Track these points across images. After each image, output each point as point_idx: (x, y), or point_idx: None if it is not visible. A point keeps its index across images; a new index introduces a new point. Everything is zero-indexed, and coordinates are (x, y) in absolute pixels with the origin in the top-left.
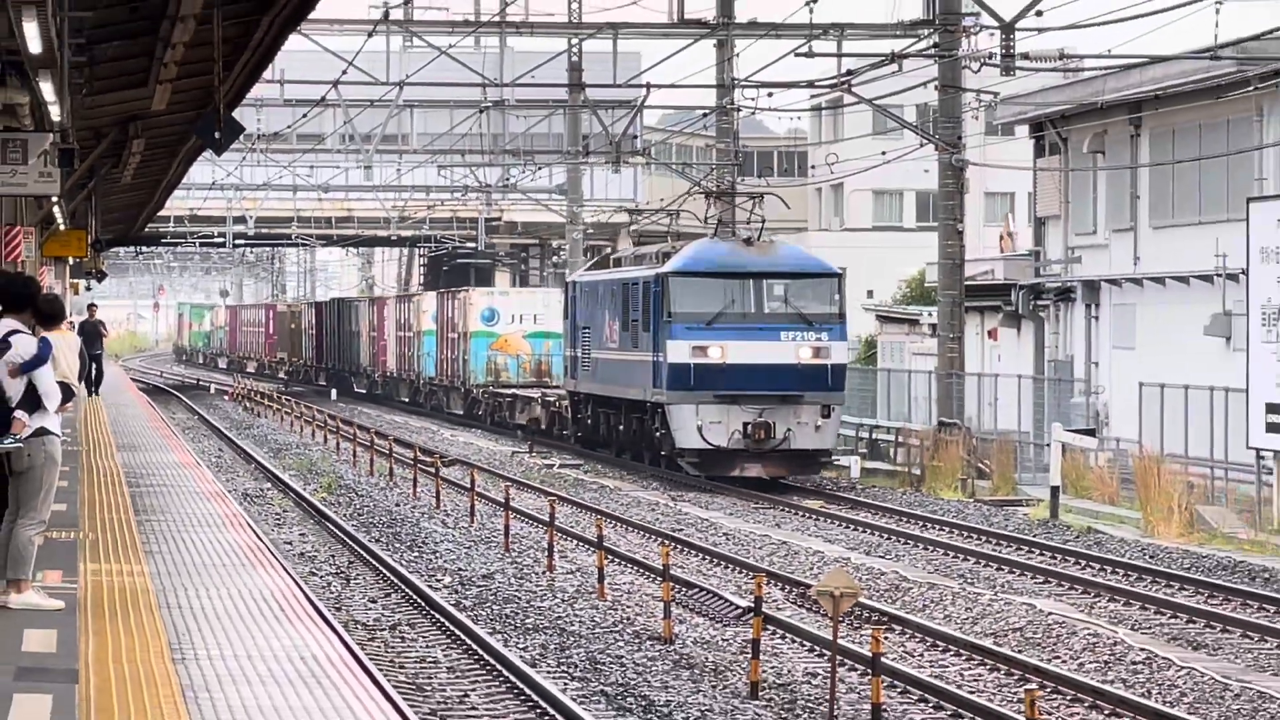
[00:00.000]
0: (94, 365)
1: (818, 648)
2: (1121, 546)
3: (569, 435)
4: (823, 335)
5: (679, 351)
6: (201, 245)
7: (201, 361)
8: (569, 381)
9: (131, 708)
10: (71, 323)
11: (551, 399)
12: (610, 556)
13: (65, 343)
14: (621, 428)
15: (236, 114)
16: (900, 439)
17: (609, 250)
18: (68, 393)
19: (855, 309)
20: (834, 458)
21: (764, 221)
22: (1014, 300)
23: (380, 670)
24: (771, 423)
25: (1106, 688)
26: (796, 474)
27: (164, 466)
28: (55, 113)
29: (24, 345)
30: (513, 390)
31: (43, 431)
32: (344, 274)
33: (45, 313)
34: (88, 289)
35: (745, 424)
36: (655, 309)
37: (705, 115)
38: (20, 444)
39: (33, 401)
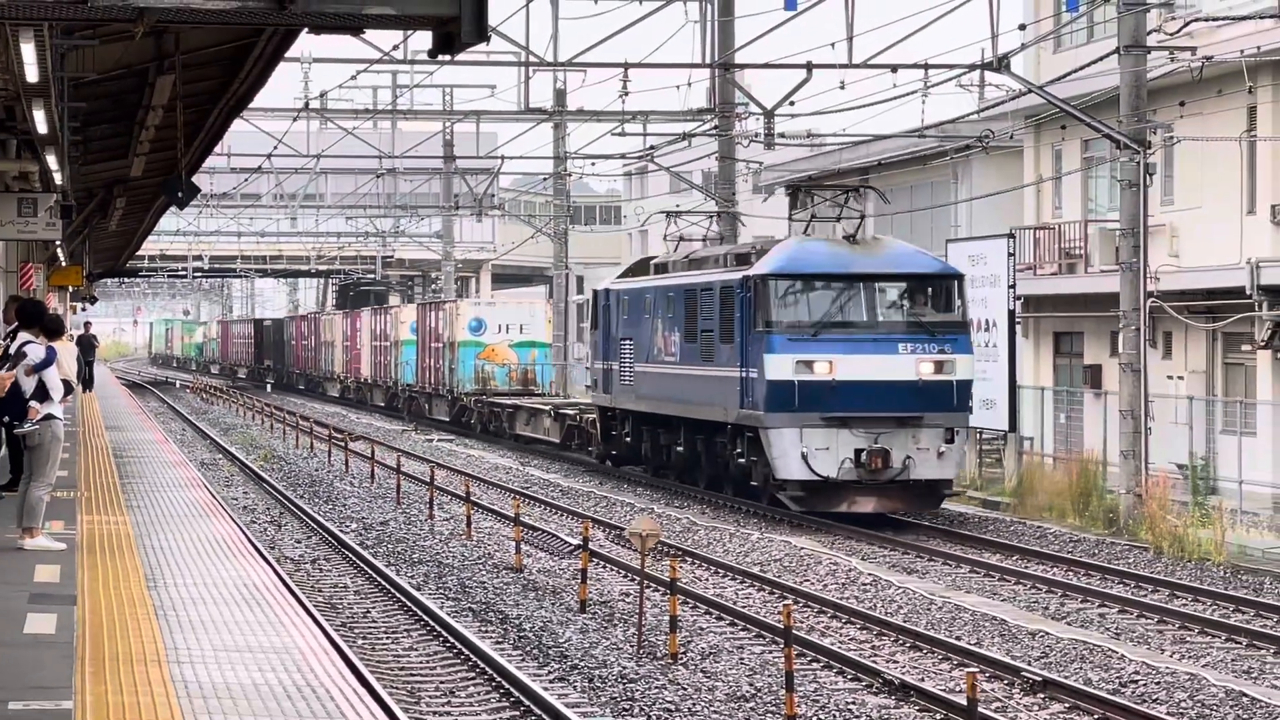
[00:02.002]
0: (89, 368)
1: (630, 574)
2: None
3: (595, 453)
4: (945, 347)
5: (780, 367)
6: (168, 276)
7: (194, 369)
8: (600, 396)
9: (116, 623)
10: (71, 335)
11: (570, 412)
12: (475, 508)
13: (66, 350)
14: (681, 449)
15: (195, 179)
16: None
17: (651, 255)
18: (68, 388)
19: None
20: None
21: (863, 217)
22: None
23: (304, 592)
24: (888, 449)
25: (842, 603)
26: (916, 510)
27: (141, 442)
28: (58, 178)
29: (35, 352)
30: (512, 400)
31: (49, 417)
32: (275, 298)
33: (50, 328)
34: (83, 310)
35: (857, 451)
36: (744, 317)
37: (545, 179)
38: (35, 427)
39: (42, 394)
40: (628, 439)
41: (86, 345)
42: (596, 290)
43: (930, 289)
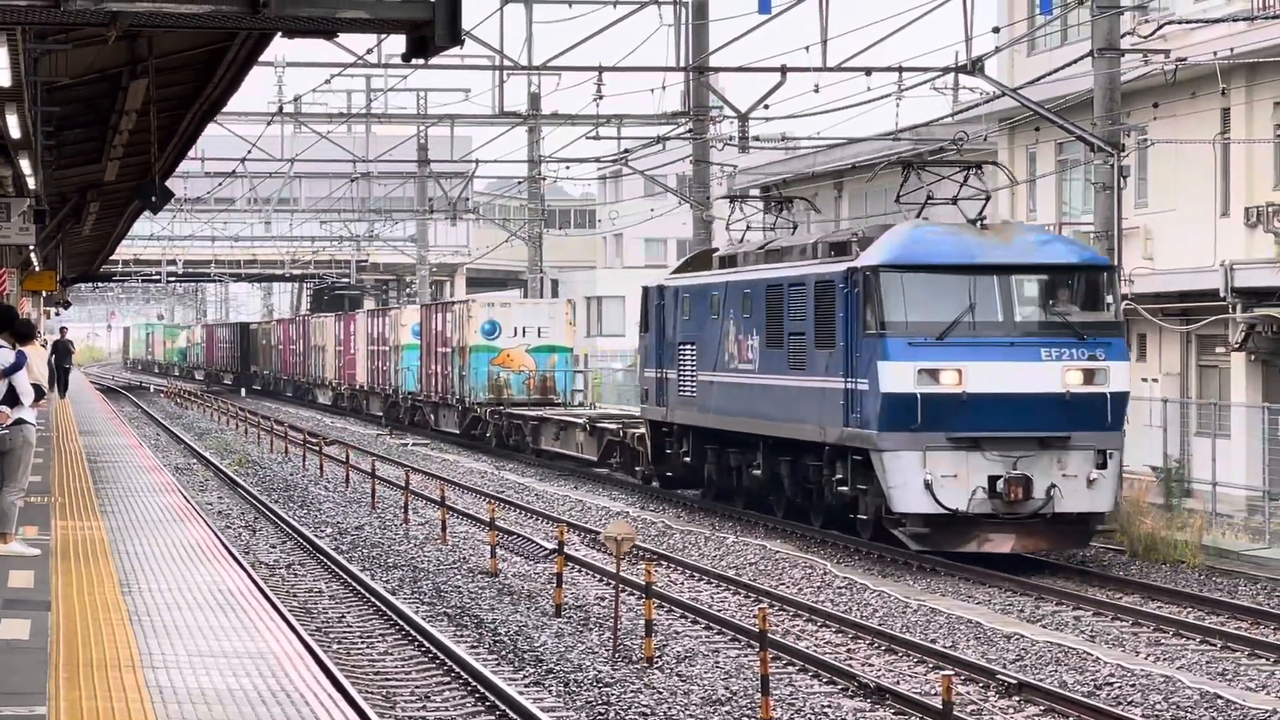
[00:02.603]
0: (65, 374)
1: (606, 578)
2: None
3: (642, 474)
4: (1097, 352)
5: (898, 376)
6: (142, 281)
7: (177, 374)
8: (652, 410)
9: (90, 628)
10: (45, 341)
11: (610, 426)
12: (451, 512)
13: (37, 355)
14: (757, 472)
15: (168, 183)
16: None
17: (714, 248)
18: (39, 392)
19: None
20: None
21: (987, 198)
22: None
23: (278, 597)
24: (1029, 476)
25: (818, 606)
26: (1061, 549)
27: (115, 447)
28: (31, 183)
29: (4, 356)
30: (536, 411)
31: (20, 422)
32: (250, 302)
33: (21, 333)
34: (57, 315)
35: (992, 479)
36: (851, 317)
37: (520, 183)
38: (5, 431)
39: (12, 399)
40: (686, 458)
41: (63, 350)
42: (648, 288)
43: (1077, 282)
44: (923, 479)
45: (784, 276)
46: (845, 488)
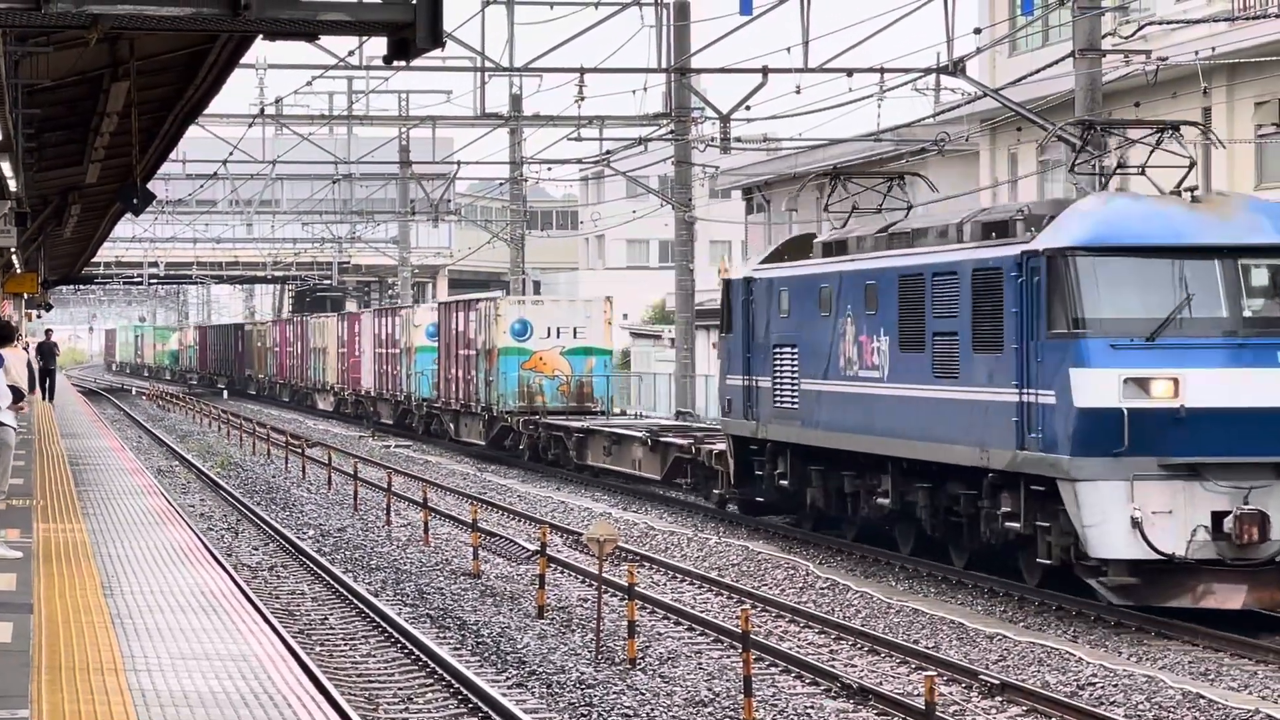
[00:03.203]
0: (50, 376)
1: (588, 580)
2: None
3: (719, 497)
4: None
5: (1098, 387)
6: (124, 283)
7: (169, 378)
8: (736, 423)
9: (73, 631)
10: (27, 344)
11: (680, 442)
12: (433, 513)
13: (15, 357)
14: (884, 501)
15: (150, 185)
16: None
17: (811, 234)
18: (18, 395)
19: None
20: None
21: (1192, 163)
22: None
23: (261, 600)
24: (1265, 512)
25: (800, 607)
26: None
27: (97, 450)
28: (12, 185)
29: None
30: (579, 421)
31: None
32: (232, 304)
33: (0, 334)
34: (39, 317)
35: (1217, 515)
36: (1028, 313)
37: (501, 184)
38: None
39: None
40: (782, 481)
41: (47, 353)
42: (730, 281)
43: None
44: (1129, 516)
45: (925, 264)
46: (1015, 524)
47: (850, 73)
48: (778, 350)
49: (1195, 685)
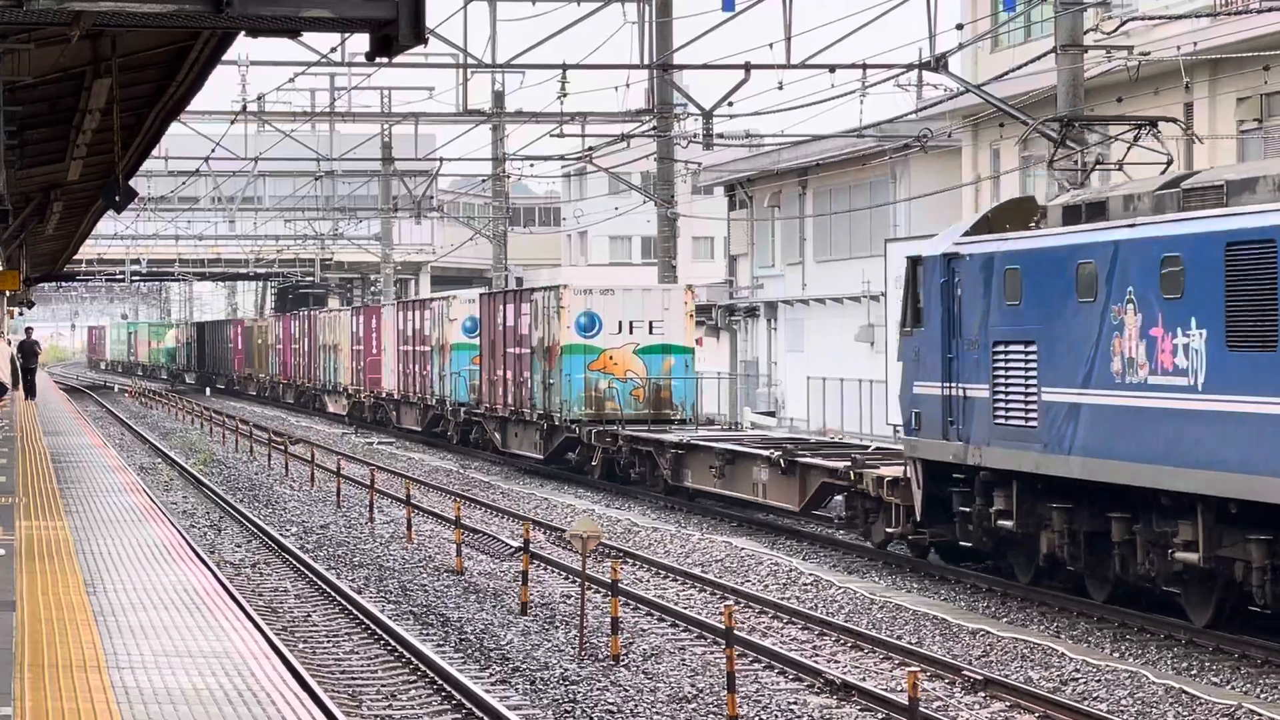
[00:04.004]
0: (31, 375)
1: (572, 576)
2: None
3: (884, 537)
4: None
5: None
6: (106, 280)
7: (166, 378)
8: (932, 444)
9: (55, 628)
10: (9, 340)
11: (828, 464)
12: (416, 510)
13: None
14: (1191, 556)
15: (132, 182)
16: None
17: (1028, 195)
18: (1, 389)
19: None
20: None
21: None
22: (714, 316)
23: (244, 597)
24: None
25: (783, 603)
26: None
27: (80, 447)
28: None
29: None
30: (676, 434)
31: None
32: (214, 301)
33: None
34: (21, 314)
35: None
36: None
37: (484, 180)
38: None
39: None
40: (1004, 522)
41: (28, 351)
42: (920, 258)
43: None
44: None
45: (1269, 226)
46: None
47: (833, 69)
48: (1002, 349)
49: (1178, 681)
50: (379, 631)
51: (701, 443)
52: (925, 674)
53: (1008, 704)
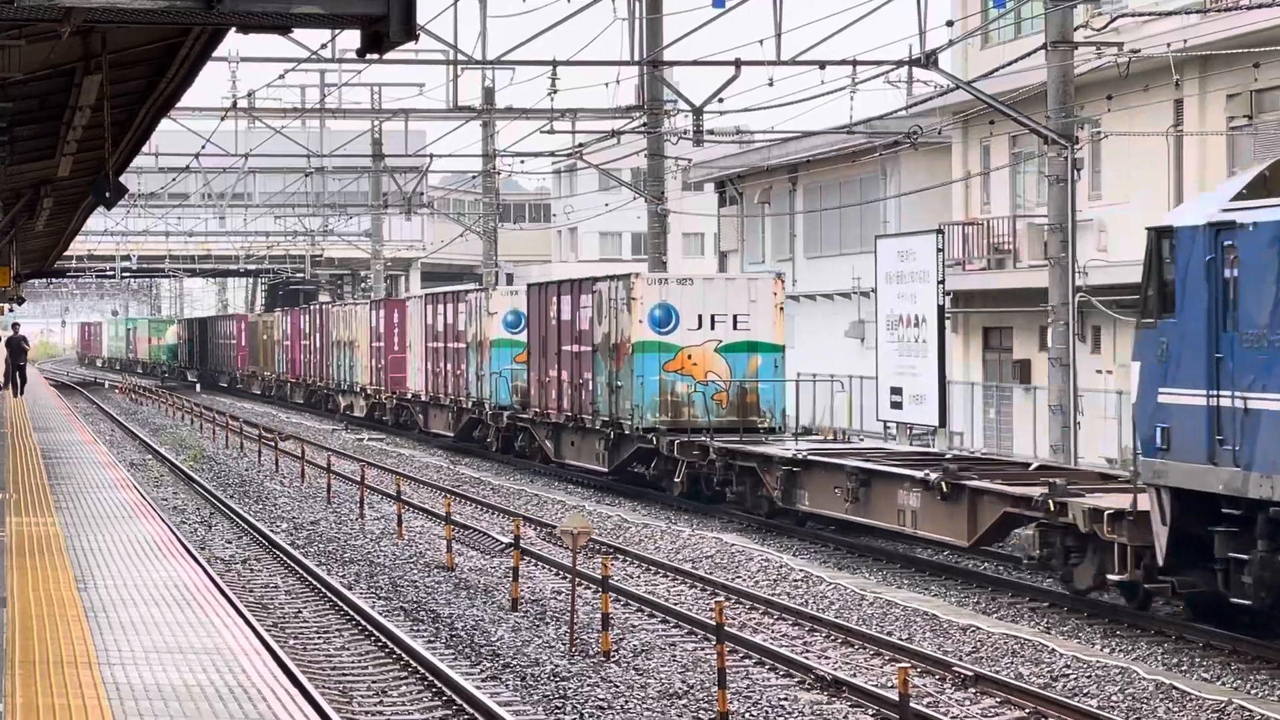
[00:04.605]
0: (20, 371)
1: (562, 572)
2: None
3: (1117, 583)
4: None
5: None
6: (97, 276)
7: (167, 375)
8: (1193, 470)
9: (46, 624)
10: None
11: (1013, 491)
12: (407, 506)
13: None
14: None
15: (122, 178)
16: None
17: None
18: None
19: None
20: None
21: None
22: None
23: (234, 593)
24: None
25: (774, 599)
26: None
27: (70, 443)
28: None
29: None
30: (781, 447)
31: None
32: (205, 297)
33: None
34: (10, 311)
35: None
36: None
37: (474, 177)
38: None
39: None
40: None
41: (16, 348)
42: (1171, 228)
43: None
44: None
45: None
46: None
47: (823, 65)
48: None
49: (1168, 676)
50: (370, 628)
51: (825, 459)
52: (916, 670)
53: (998, 700)
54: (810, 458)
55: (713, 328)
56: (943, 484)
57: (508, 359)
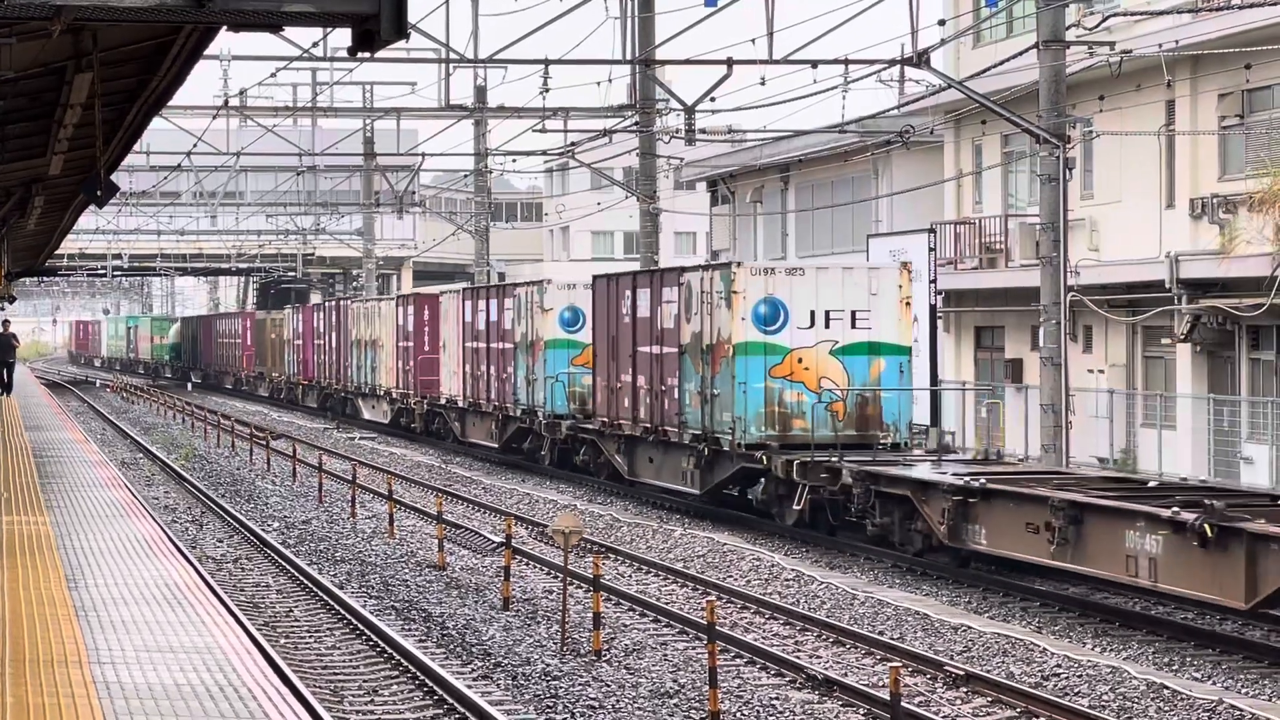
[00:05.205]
0: (8, 370)
1: (554, 571)
2: None
3: None
4: None
5: None
6: (88, 275)
7: (170, 376)
8: None
9: (37, 624)
10: None
11: None
12: (398, 505)
13: None
14: None
15: (114, 177)
16: None
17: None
18: None
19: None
20: None
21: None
22: None
23: (226, 592)
24: None
25: (765, 598)
26: None
27: (61, 442)
28: None
29: None
30: (951, 473)
31: None
32: (196, 296)
33: None
34: (1, 309)
35: None
36: None
37: (466, 176)
38: None
39: None
40: None
41: (5, 345)
42: None
43: None
44: None
45: None
46: None
47: (815, 64)
48: None
49: (1159, 676)
50: (361, 627)
51: (1013, 488)
52: (907, 669)
53: (989, 699)
54: (991, 485)
55: (827, 326)
56: (1204, 526)
57: (564, 361)
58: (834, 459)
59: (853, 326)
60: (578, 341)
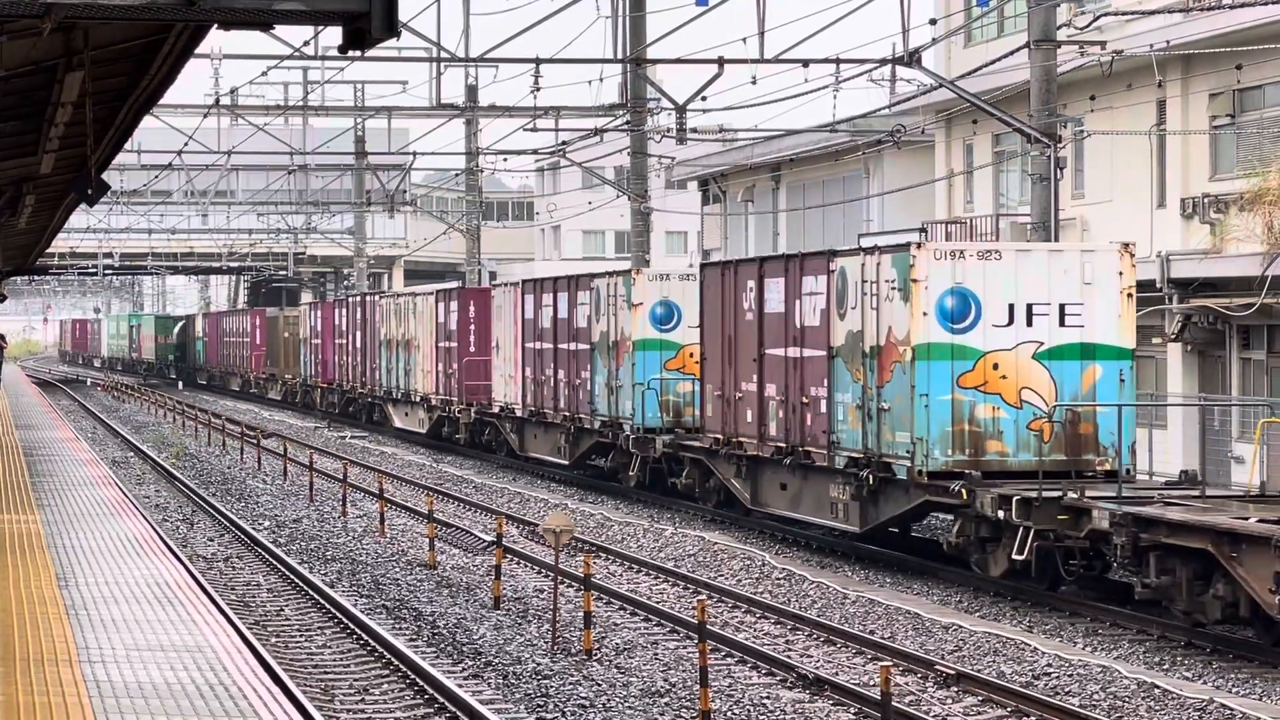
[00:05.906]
0: None
1: (544, 570)
2: None
3: None
4: None
5: None
6: (79, 274)
7: (174, 377)
8: None
9: (27, 622)
10: None
11: None
12: (389, 504)
13: None
14: None
15: (105, 176)
16: None
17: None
18: None
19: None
20: None
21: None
22: None
23: (216, 591)
24: None
25: (756, 598)
26: None
27: (52, 441)
28: None
29: None
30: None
31: None
32: (187, 295)
33: None
34: None
35: None
36: None
37: (457, 175)
38: None
39: None
40: None
41: None
42: None
43: None
44: None
45: None
46: None
47: (806, 63)
48: None
49: (1150, 675)
50: (352, 626)
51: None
52: (898, 669)
53: (980, 698)
54: None
55: (1029, 323)
56: None
57: (656, 365)
58: (1074, 494)
59: (1061, 324)
60: (671, 342)
